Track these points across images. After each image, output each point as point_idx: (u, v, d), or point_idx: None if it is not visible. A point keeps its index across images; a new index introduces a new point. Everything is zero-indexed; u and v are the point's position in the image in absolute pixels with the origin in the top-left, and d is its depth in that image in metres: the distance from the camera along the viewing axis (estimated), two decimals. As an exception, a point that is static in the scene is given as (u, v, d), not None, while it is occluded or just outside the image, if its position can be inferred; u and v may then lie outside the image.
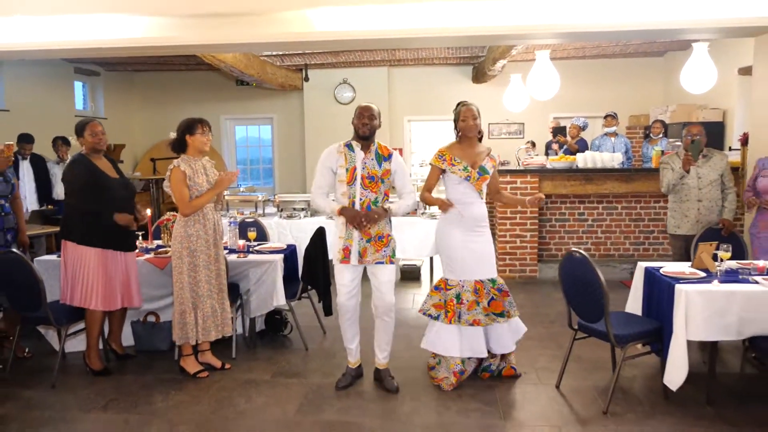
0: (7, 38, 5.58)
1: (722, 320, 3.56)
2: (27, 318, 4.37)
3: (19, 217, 4.77)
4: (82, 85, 11.53)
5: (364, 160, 3.92)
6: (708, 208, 4.99)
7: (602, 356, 4.54)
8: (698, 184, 4.99)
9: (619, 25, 5.25)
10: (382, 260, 3.94)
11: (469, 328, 4.01)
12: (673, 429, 3.46)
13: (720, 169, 5.01)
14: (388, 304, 3.98)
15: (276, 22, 5.44)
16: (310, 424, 3.61)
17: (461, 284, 4.04)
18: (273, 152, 12.95)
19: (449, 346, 4.04)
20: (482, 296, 4.02)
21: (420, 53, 10.75)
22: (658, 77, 11.52)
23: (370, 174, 3.91)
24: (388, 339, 4.08)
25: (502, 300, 4.07)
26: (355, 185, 3.89)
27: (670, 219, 5.24)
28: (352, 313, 4.03)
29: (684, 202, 5.08)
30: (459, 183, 4.02)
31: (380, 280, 3.96)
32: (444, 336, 4.07)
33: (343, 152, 3.94)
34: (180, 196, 4.17)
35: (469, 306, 3.99)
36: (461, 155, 4.06)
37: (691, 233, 5.03)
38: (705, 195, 4.99)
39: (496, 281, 4.10)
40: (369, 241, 3.91)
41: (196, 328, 4.27)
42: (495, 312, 4.04)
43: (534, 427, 3.53)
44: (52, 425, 3.66)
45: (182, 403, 3.94)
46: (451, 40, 6.09)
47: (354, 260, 3.92)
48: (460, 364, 4.08)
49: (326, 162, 3.97)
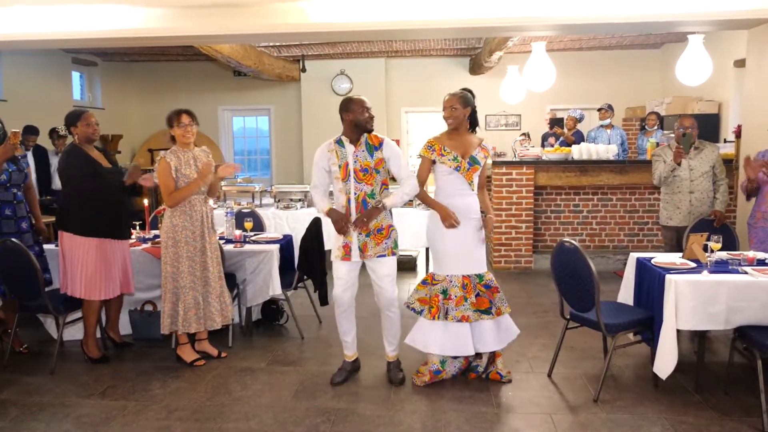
0: (5, 28, 5.60)
1: (710, 309, 3.61)
2: (26, 306, 4.42)
3: (33, 205, 4.78)
4: (80, 76, 11.53)
5: (355, 153, 3.84)
6: (699, 199, 5.05)
7: (593, 345, 4.60)
8: (690, 176, 5.05)
9: (615, 17, 5.29)
10: (384, 253, 3.87)
11: (455, 325, 3.87)
12: (661, 416, 3.53)
13: (711, 161, 5.06)
14: (390, 298, 3.92)
15: (272, 13, 5.47)
16: (305, 410, 3.67)
17: (449, 279, 3.91)
18: (270, 143, 12.98)
19: (430, 342, 3.92)
20: (470, 291, 3.89)
21: (417, 45, 10.76)
22: (654, 69, 11.55)
23: (362, 166, 3.83)
24: (394, 332, 4.02)
25: (489, 296, 3.93)
26: (350, 180, 3.83)
27: (663, 210, 5.31)
28: (347, 305, 3.96)
29: (676, 194, 5.14)
30: (449, 174, 3.89)
31: (379, 274, 3.89)
32: (426, 332, 3.95)
33: (334, 150, 3.88)
34: (165, 187, 4.22)
35: (457, 301, 3.87)
36: (451, 145, 3.91)
37: (683, 224, 5.09)
38: (696, 187, 5.05)
39: (483, 277, 3.95)
40: (368, 235, 3.84)
41: (174, 318, 4.30)
42: (480, 309, 3.90)
43: (526, 414, 3.59)
44: (51, 410, 3.72)
45: (179, 389, 3.99)
46: (449, 31, 6.12)
47: (355, 257, 3.86)
48: (437, 364, 3.99)
49: (319, 162, 3.92)
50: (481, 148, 3.98)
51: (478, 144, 3.99)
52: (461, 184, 3.91)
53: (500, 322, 3.99)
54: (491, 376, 4.05)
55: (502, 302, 3.98)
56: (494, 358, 4.07)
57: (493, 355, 4.06)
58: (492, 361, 4.07)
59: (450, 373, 4.04)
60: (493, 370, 4.05)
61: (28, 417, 3.64)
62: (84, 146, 4.38)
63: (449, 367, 4.04)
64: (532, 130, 10.78)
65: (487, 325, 3.94)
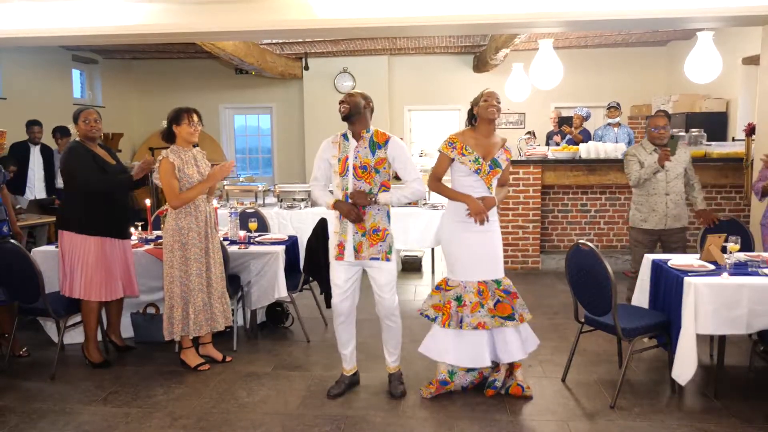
0: (5, 24, 5.51)
1: (731, 313, 3.51)
2: (25, 309, 4.31)
3: (9, 208, 4.69)
4: (80, 73, 11.42)
5: (356, 148, 3.66)
6: (675, 201, 4.90)
7: (607, 349, 4.50)
8: (666, 177, 4.88)
9: (625, 13, 5.20)
10: (378, 256, 3.67)
11: (470, 334, 3.64)
12: (681, 423, 3.42)
13: (684, 162, 4.93)
14: (390, 307, 3.73)
15: (276, 9, 5.39)
16: (313, 417, 3.56)
17: (463, 285, 3.69)
18: (272, 141, 12.87)
19: (442, 350, 3.70)
20: (486, 297, 3.65)
21: (421, 42, 10.65)
22: (660, 67, 11.44)
23: (362, 163, 3.64)
24: (395, 342, 3.85)
25: (511, 302, 3.68)
26: (347, 176, 3.66)
27: (635, 213, 5.04)
28: (347, 315, 3.77)
29: (652, 196, 4.92)
30: (467, 175, 3.64)
31: (379, 283, 3.70)
32: (439, 340, 3.74)
33: (338, 142, 3.72)
34: (169, 188, 4.10)
35: (472, 308, 3.63)
36: (474, 145, 3.66)
37: (658, 227, 4.91)
38: (672, 188, 4.89)
39: (501, 282, 3.72)
40: (364, 234, 3.66)
41: (185, 322, 4.19)
42: (502, 315, 3.64)
43: (541, 422, 3.49)
44: (52, 417, 3.61)
45: (183, 395, 3.89)
46: (454, 28, 6.01)
47: (349, 256, 3.68)
48: (445, 374, 3.79)
49: (322, 153, 3.78)
50: (504, 149, 3.76)
51: (502, 145, 3.76)
52: (479, 187, 3.66)
53: (522, 329, 3.76)
54: (511, 391, 3.77)
55: (523, 308, 3.74)
56: (512, 370, 3.82)
57: (512, 367, 3.82)
58: (510, 373, 3.82)
59: (459, 386, 3.83)
60: (513, 383, 3.78)
61: (27, 425, 3.53)
62: (86, 143, 4.27)
63: (459, 379, 3.82)
64: (537, 129, 10.67)
65: (510, 333, 3.70)
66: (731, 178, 6.87)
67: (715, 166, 6.86)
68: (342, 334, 3.83)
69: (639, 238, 5.05)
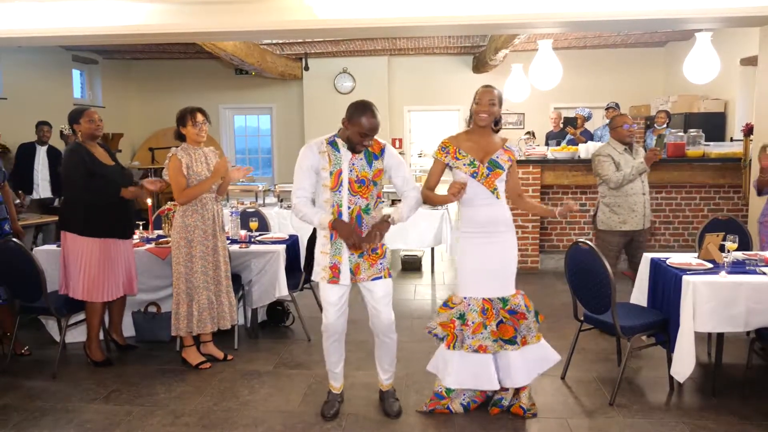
0: (5, 24, 5.53)
1: (729, 312, 3.54)
2: (27, 308, 4.33)
3: (9, 206, 4.70)
4: (80, 74, 11.43)
5: (351, 160, 3.28)
6: (648, 200, 4.96)
7: (605, 347, 4.53)
8: (641, 177, 4.93)
9: (624, 13, 5.23)
10: (380, 275, 3.38)
11: (473, 355, 3.40)
12: (680, 420, 3.45)
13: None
14: (387, 323, 3.42)
15: (277, 9, 5.41)
16: (314, 415, 3.58)
17: (467, 302, 3.42)
18: (272, 142, 12.89)
19: (444, 373, 3.47)
20: (491, 318, 3.37)
21: (420, 42, 10.68)
22: (659, 67, 11.48)
23: (359, 177, 3.28)
24: (390, 360, 3.55)
25: (515, 324, 3.40)
26: (341, 191, 3.29)
27: (611, 215, 4.94)
28: (341, 333, 3.46)
29: (630, 196, 4.88)
30: (467, 180, 3.35)
31: (376, 297, 3.39)
32: (443, 360, 3.51)
33: (327, 152, 3.29)
34: (176, 184, 4.14)
35: (474, 329, 3.36)
36: (468, 147, 3.39)
37: (638, 227, 4.91)
38: (646, 188, 4.95)
39: (508, 301, 3.42)
40: (361, 256, 3.33)
41: (190, 319, 4.22)
42: (503, 338, 3.38)
43: (541, 419, 3.51)
44: (54, 416, 3.63)
45: (185, 393, 3.91)
46: (453, 28, 6.03)
47: (345, 280, 3.34)
48: (443, 387, 3.55)
49: (306, 163, 3.31)
50: (505, 149, 3.44)
51: (501, 145, 3.45)
52: (482, 193, 3.38)
53: (527, 352, 3.45)
54: (512, 410, 3.53)
55: (528, 331, 3.44)
56: (519, 391, 3.55)
57: (519, 387, 3.55)
58: (516, 393, 3.55)
59: (458, 403, 3.56)
60: (515, 404, 3.53)
61: (30, 423, 3.55)
62: (87, 144, 4.29)
63: (457, 395, 3.57)
64: (536, 129, 10.71)
65: (514, 358, 3.41)
66: (729, 178, 6.89)
67: (713, 166, 6.88)
68: (333, 353, 3.51)
69: (614, 241, 4.96)
